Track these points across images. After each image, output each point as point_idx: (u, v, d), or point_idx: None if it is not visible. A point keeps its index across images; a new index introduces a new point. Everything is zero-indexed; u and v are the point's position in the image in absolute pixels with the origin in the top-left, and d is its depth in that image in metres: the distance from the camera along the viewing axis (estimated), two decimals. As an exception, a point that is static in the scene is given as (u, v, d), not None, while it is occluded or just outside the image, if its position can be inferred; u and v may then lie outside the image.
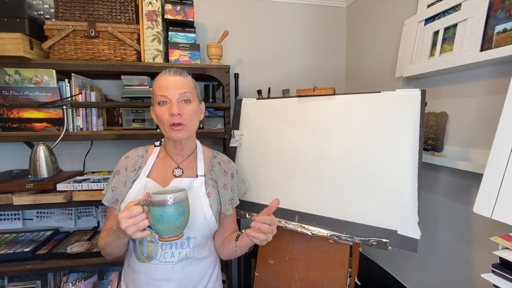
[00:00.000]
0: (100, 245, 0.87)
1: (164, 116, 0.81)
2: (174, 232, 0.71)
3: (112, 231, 0.77)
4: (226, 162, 1.00)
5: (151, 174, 0.88)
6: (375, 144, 1.02)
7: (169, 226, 0.69)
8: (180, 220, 0.71)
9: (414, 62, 1.24)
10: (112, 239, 0.79)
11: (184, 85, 0.84)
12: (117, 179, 0.88)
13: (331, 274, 1.10)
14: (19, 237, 1.46)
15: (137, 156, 0.91)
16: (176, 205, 0.69)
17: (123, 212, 0.67)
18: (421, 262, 1.28)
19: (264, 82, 1.77)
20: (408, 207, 0.94)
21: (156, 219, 0.68)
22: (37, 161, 1.18)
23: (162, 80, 0.83)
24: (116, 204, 0.87)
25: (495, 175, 0.71)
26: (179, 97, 0.82)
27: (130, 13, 1.33)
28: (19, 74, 1.23)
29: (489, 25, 0.94)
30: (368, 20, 1.65)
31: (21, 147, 1.48)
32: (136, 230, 0.67)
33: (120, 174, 0.89)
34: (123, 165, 0.90)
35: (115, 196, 0.87)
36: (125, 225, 0.66)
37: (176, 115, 0.80)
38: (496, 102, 0.95)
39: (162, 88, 0.82)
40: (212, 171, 0.94)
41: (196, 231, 0.86)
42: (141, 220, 0.68)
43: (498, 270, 0.67)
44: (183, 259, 0.85)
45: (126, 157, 0.92)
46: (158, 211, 0.68)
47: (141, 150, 0.94)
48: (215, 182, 0.93)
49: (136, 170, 0.88)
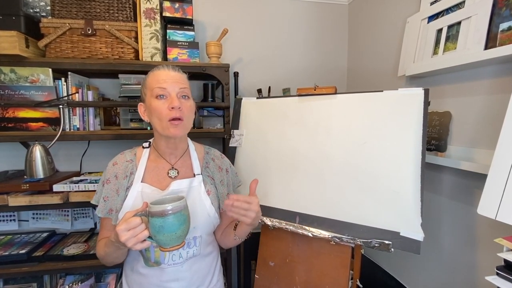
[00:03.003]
0: (99, 255, 0.85)
1: (163, 111, 0.78)
2: (176, 242, 0.69)
3: (110, 243, 0.74)
4: (219, 157, 0.99)
5: (145, 179, 0.85)
6: (377, 144, 1.01)
7: (171, 236, 0.67)
8: (182, 229, 0.69)
9: (417, 61, 1.23)
10: (110, 250, 0.76)
11: (183, 80, 0.83)
12: (108, 188, 0.84)
13: (333, 276, 1.09)
14: (15, 239, 1.44)
15: (125, 162, 0.86)
16: (177, 214, 0.68)
17: (121, 225, 0.65)
18: (424, 264, 1.27)
19: (264, 81, 1.75)
20: (411, 208, 0.93)
21: (156, 230, 0.66)
22: (33, 162, 1.17)
23: (160, 73, 0.81)
24: (110, 214, 0.84)
25: (500, 176, 0.70)
26: (178, 92, 0.80)
27: (128, 10, 1.31)
28: (14, 73, 1.22)
29: (493, 23, 0.93)
30: (370, 17, 1.64)
31: (17, 147, 1.46)
32: (136, 242, 0.65)
33: (110, 182, 0.84)
34: (112, 172, 0.85)
35: (109, 206, 0.84)
36: (125, 238, 0.64)
37: (177, 108, 0.78)
38: (501, 101, 0.94)
39: (160, 81, 0.79)
40: (208, 168, 0.94)
41: (202, 229, 0.87)
42: (140, 231, 0.66)
43: (503, 272, 0.66)
44: (191, 258, 0.86)
45: (114, 164, 0.86)
46: (159, 221, 0.66)
47: (128, 154, 0.89)
48: (212, 179, 0.93)
49: (127, 176, 0.84)
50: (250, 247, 1.65)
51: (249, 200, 0.78)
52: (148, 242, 0.67)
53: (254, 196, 0.80)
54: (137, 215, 0.67)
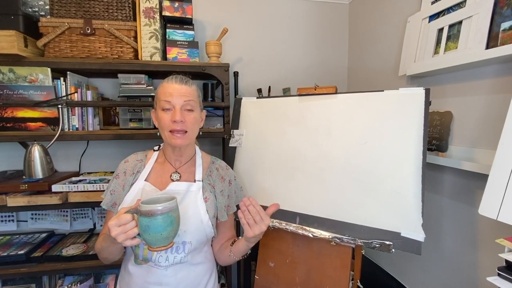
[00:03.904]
0: (97, 249, 0.86)
1: (166, 122, 0.83)
2: (162, 243, 0.69)
3: (106, 237, 0.76)
4: (224, 168, 1.00)
5: (149, 178, 0.89)
6: (378, 144, 1.00)
7: (156, 236, 0.67)
8: (168, 231, 0.68)
9: (418, 60, 1.22)
10: (106, 244, 0.79)
11: (189, 93, 0.85)
12: (116, 183, 0.90)
13: (333, 277, 1.08)
14: (13, 240, 1.43)
15: (136, 161, 0.93)
16: (164, 215, 0.67)
17: (113, 220, 0.67)
18: (425, 265, 1.26)
19: (264, 81, 1.75)
20: (411, 208, 0.92)
21: (143, 229, 0.67)
22: (31, 162, 1.17)
23: (168, 86, 0.84)
24: (114, 208, 0.88)
25: (501, 176, 0.69)
26: (183, 105, 0.83)
27: (127, 10, 1.30)
28: (13, 73, 1.21)
29: (495, 22, 0.93)
30: (370, 17, 1.64)
31: (16, 147, 1.46)
32: (125, 238, 0.66)
33: (119, 178, 0.90)
34: (122, 169, 0.91)
35: (114, 200, 0.89)
36: (115, 233, 0.66)
37: (179, 122, 0.82)
38: (502, 101, 0.93)
39: (167, 94, 0.83)
40: (210, 176, 0.95)
41: (192, 236, 0.85)
42: (130, 228, 0.67)
43: (504, 273, 0.66)
44: (176, 264, 0.85)
45: (125, 162, 0.93)
46: (145, 221, 0.66)
47: (140, 154, 0.95)
48: (213, 187, 0.94)
49: (134, 174, 0.90)
50: (250, 248, 1.64)
51: (264, 216, 0.78)
52: (137, 239, 0.68)
53: (268, 216, 0.80)
54: (130, 212, 0.68)
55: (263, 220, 0.78)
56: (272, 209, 0.81)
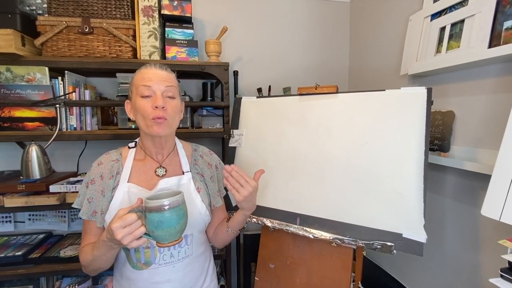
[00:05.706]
0: (85, 262, 0.79)
1: (147, 109, 0.77)
2: (174, 237, 0.68)
3: (101, 243, 0.71)
4: (208, 154, 0.98)
5: (131, 179, 0.83)
6: (379, 144, 1.00)
7: (170, 231, 0.66)
8: (181, 223, 0.68)
9: (419, 59, 1.21)
10: (101, 252, 0.73)
11: (170, 79, 0.81)
12: (93, 189, 0.81)
13: (334, 278, 1.07)
14: (11, 241, 1.42)
15: (111, 161, 0.84)
16: (176, 208, 0.67)
17: (116, 222, 0.63)
18: (427, 266, 1.25)
19: (264, 80, 1.74)
20: (413, 209, 0.92)
21: (155, 225, 0.65)
22: (29, 162, 1.16)
23: (146, 72, 0.80)
24: (94, 216, 0.81)
25: (504, 176, 0.69)
26: (164, 91, 0.79)
27: (126, 8, 1.29)
28: (10, 72, 1.20)
29: (498, 21, 0.92)
30: (372, 15, 1.63)
31: (13, 147, 1.44)
32: (132, 239, 0.64)
33: (95, 183, 0.81)
34: (97, 172, 0.82)
35: (93, 208, 0.81)
36: (121, 235, 0.62)
37: (161, 108, 0.76)
38: (505, 101, 0.92)
39: (146, 79, 0.78)
40: (196, 165, 0.93)
41: (193, 227, 0.85)
42: (137, 228, 0.64)
43: (507, 274, 0.66)
44: (183, 258, 0.85)
45: (99, 164, 0.84)
46: (157, 216, 0.65)
47: (114, 154, 0.87)
48: (202, 176, 0.92)
49: (113, 176, 0.82)
50: (250, 249, 1.63)
51: (248, 179, 0.78)
52: (144, 239, 0.66)
53: (254, 180, 0.80)
54: (132, 211, 0.65)
55: (248, 182, 0.78)
56: (258, 175, 0.83)
